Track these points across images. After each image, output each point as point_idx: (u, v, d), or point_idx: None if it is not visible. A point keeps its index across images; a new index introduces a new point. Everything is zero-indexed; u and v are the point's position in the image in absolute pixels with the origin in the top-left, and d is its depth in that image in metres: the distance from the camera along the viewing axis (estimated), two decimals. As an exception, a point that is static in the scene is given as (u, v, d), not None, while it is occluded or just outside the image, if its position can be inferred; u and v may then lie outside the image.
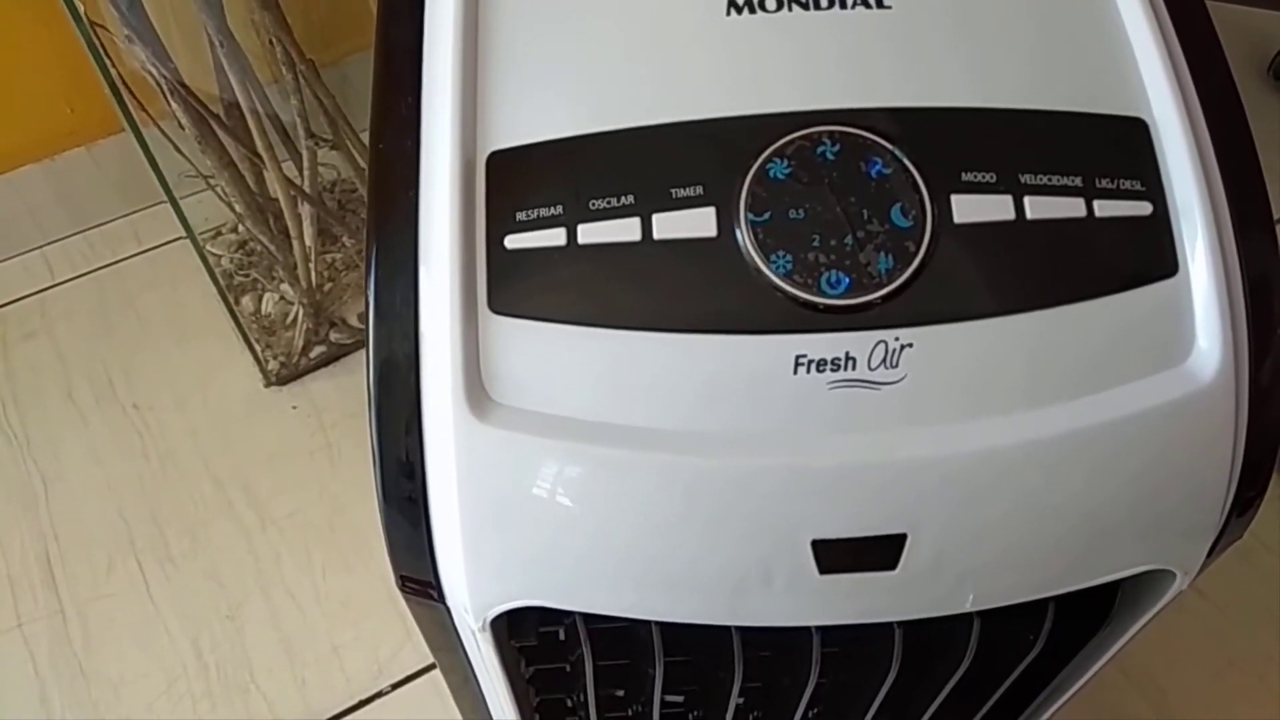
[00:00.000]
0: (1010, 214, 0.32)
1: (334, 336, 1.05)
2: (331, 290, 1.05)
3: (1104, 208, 0.33)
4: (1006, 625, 0.37)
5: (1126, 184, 0.33)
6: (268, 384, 1.04)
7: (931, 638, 0.37)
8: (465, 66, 0.34)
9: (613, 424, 0.32)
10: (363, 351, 1.05)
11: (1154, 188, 0.33)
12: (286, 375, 1.04)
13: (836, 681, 0.40)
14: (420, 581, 0.36)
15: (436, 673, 0.87)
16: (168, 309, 1.10)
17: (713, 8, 0.34)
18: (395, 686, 0.87)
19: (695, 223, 0.32)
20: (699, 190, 0.32)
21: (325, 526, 0.95)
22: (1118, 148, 0.33)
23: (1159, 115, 0.34)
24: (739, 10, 0.34)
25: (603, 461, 0.32)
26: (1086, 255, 0.32)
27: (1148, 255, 0.33)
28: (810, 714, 0.43)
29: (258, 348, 1.02)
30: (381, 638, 0.88)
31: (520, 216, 0.33)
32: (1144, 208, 0.33)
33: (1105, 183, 0.33)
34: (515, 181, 0.33)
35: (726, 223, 0.32)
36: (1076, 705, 0.47)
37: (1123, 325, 0.32)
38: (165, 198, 0.86)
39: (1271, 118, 1.17)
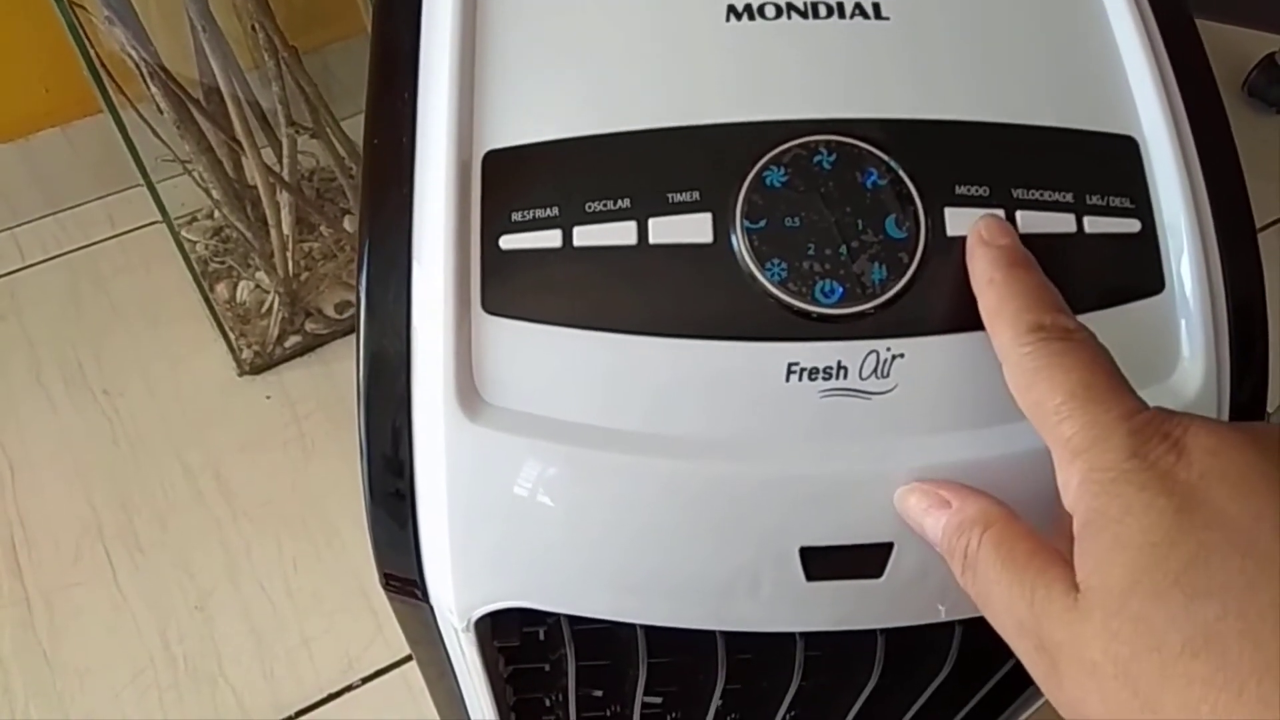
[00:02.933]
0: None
1: (309, 326, 1.04)
2: (308, 279, 1.04)
3: (1094, 224, 0.33)
4: (987, 633, 0.37)
5: (1116, 201, 0.33)
6: (241, 373, 1.03)
7: (913, 644, 0.38)
8: (463, 64, 0.34)
9: (604, 427, 0.32)
10: (338, 342, 1.05)
11: (1143, 205, 0.34)
12: (260, 364, 1.03)
13: (817, 685, 0.40)
14: (404, 580, 0.36)
15: (407, 668, 0.86)
16: (140, 294, 1.09)
17: (712, 14, 0.34)
18: (365, 681, 0.86)
19: (691, 228, 0.32)
20: (695, 196, 0.32)
21: (297, 518, 0.94)
22: (1108, 165, 0.34)
23: (1149, 133, 0.34)
24: (738, 17, 0.34)
25: (594, 465, 0.32)
26: (1076, 270, 0.33)
27: (1135, 272, 0.33)
28: (789, 716, 0.43)
29: (232, 336, 1.01)
30: (352, 631, 0.88)
31: (516, 217, 0.33)
32: (1133, 225, 0.33)
33: (1095, 199, 0.33)
34: (511, 182, 0.33)
35: (722, 229, 0.32)
36: (1047, 709, 0.48)
37: (1109, 340, 0.32)
38: (141, 181, 0.85)
39: (1246, 133, 1.20)
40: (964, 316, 0.32)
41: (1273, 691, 0.21)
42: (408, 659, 0.86)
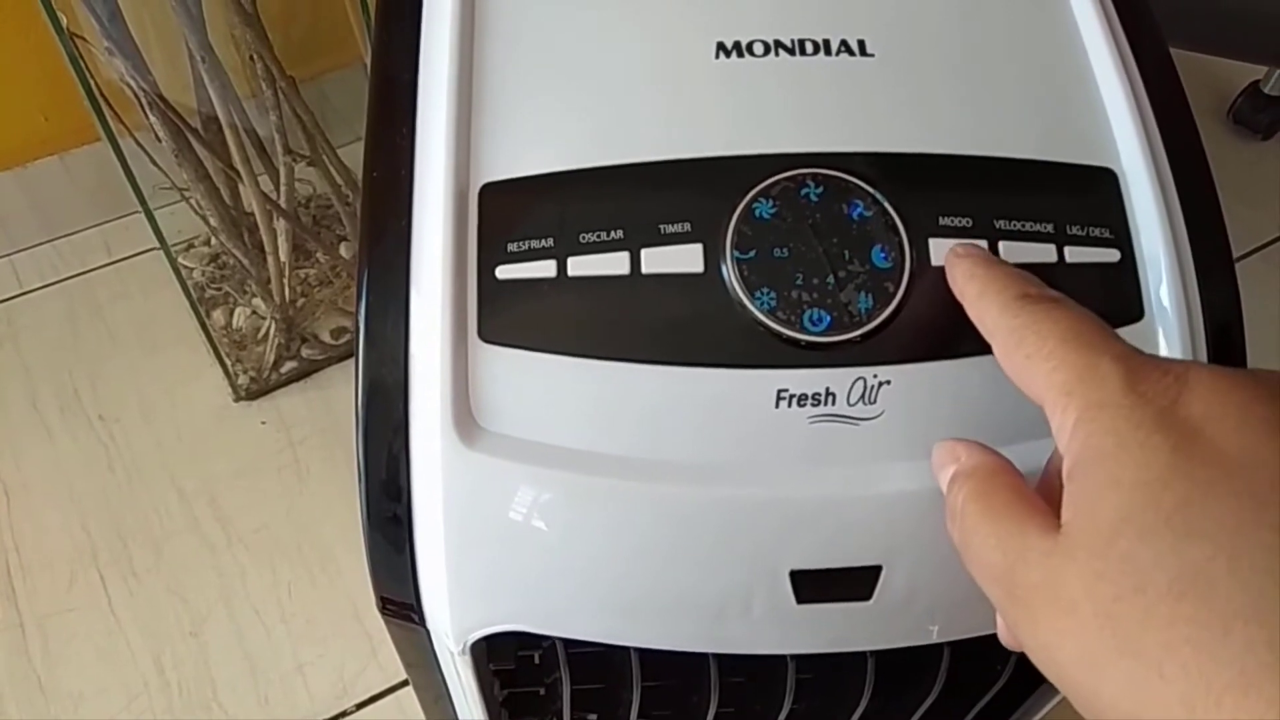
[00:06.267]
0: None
1: (305, 352, 1.04)
2: (304, 306, 1.05)
3: (1074, 254, 0.34)
4: (975, 656, 0.38)
5: (1096, 231, 0.34)
6: (237, 398, 1.03)
7: (903, 666, 0.38)
8: (460, 98, 0.35)
9: (598, 453, 0.33)
10: (334, 368, 1.05)
11: (1122, 236, 0.35)
12: (256, 390, 1.03)
13: (809, 707, 0.41)
14: (401, 604, 0.36)
15: (401, 693, 0.87)
16: (137, 320, 1.09)
17: (702, 51, 0.35)
18: (359, 706, 0.86)
19: (682, 258, 0.33)
20: (686, 227, 0.33)
21: (292, 543, 0.94)
22: (1088, 196, 0.35)
23: (1127, 166, 0.35)
24: (727, 54, 0.35)
25: (588, 490, 0.33)
26: (1057, 299, 0.33)
27: (1115, 300, 0.34)
28: (781, 739, 0.43)
29: (228, 362, 1.02)
30: (346, 657, 0.88)
31: (511, 247, 0.34)
32: (1112, 255, 0.34)
33: (1076, 230, 0.34)
34: (507, 213, 0.34)
35: (713, 259, 0.33)
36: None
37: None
38: (139, 208, 0.86)
39: (1231, 160, 1.21)
40: (950, 344, 0.33)
41: (1258, 634, 0.20)
42: (402, 684, 0.86)
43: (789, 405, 0.32)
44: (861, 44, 0.36)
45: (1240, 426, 0.23)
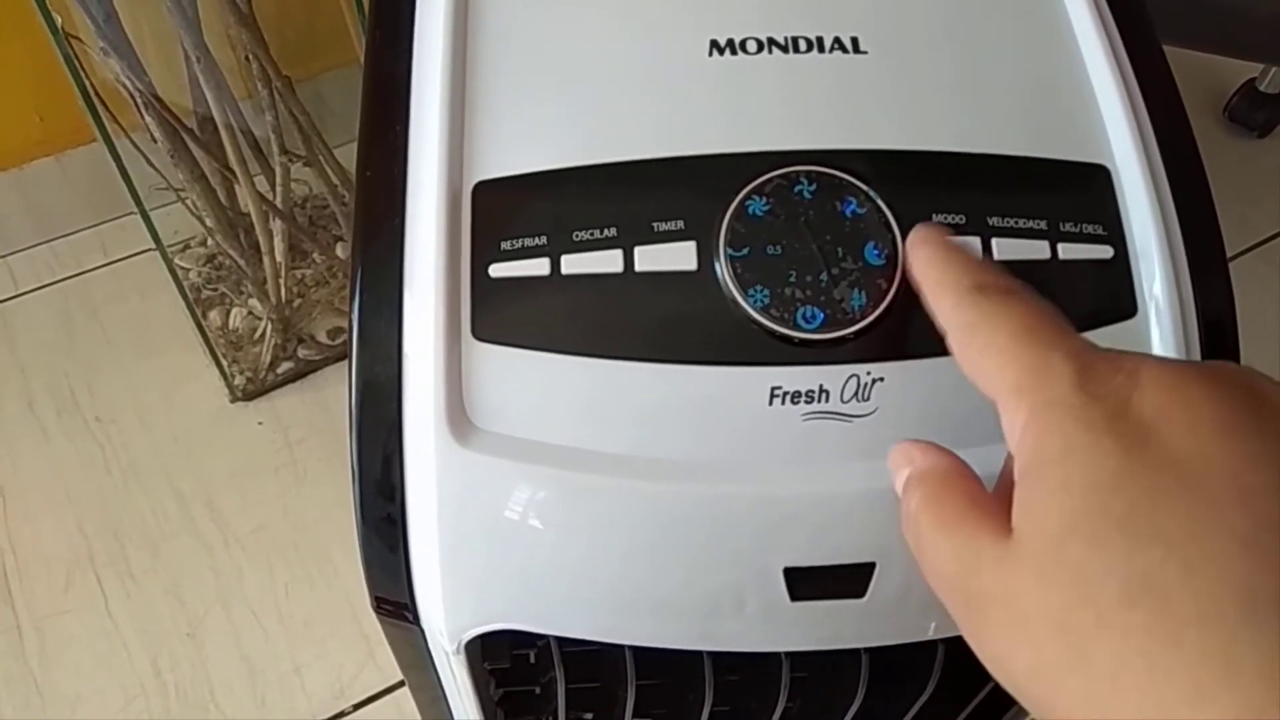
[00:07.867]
0: (978, 255, 0.33)
1: (302, 353, 1.04)
2: (301, 306, 1.05)
3: (1067, 250, 0.34)
4: (970, 653, 0.38)
5: (1089, 228, 0.34)
6: (234, 399, 1.03)
7: (897, 663, 0.38)
8: (453, 97, 0.35)
9: (592, 451, 0.33)
10: (330, 368, 1.05)
11: (1115, 232, 0.35)
12: (253, 391, 1.03)
13: (804, 705, 0.41)
14: (396, 604, 0.36)
15: (398, 693, 0.86)
16: (133, 321, 1.09)
17: (695, 48, 0.35)
18: (357, 707, 0.86)
19: (676, 256, 0.33)
20: (680, 225, 0.33)
21: (289, 544, 0.94)
22: (1081, 193, 0.35)
23: (1120, 162, 0.35)
24: (721, 51, 0.35)
25: (582, 488, 0.33)
26: (1050, 296, 0.33)
27: (1109, 297, 0.34)
28: (777, 737, 0.43)
29: (224, 362, 1.02)
30: (344, 657, 0.88)
31: (505, 246, 0.34)
32: (1105, 251, 0.34)
33: (1069, 226, 0.34)
34: (500, 211, 0.34)
35: (706, 257, 0.33)
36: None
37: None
38: (135, 209, 0.86)
39: (1227, 158, 1.21)
40: (943, 340, 0.33)
41: (1212, 644, 0.19)
42: (400, 685, 0.86)
43: (782, 403, 0.32)
44: (854, 41, 0.36)
45: (1192, 426, 0.22)
